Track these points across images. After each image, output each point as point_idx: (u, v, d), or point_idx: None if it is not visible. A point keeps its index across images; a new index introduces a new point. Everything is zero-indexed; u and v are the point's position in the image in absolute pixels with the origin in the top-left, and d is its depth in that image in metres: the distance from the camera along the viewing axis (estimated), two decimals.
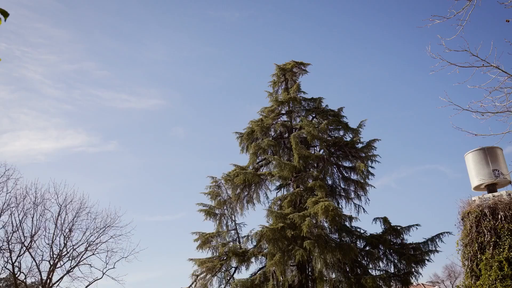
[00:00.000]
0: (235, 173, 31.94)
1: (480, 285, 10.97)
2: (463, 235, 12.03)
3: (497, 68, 8.63)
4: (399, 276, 28.82)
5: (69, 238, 22.55)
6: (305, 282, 29.77)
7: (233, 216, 32.63)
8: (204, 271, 30.38)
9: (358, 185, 31.88)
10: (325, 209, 25.54)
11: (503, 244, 11.05)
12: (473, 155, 13.55)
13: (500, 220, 11.40)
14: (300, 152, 29.70)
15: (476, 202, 12.32)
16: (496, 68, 8.60)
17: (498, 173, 12.75)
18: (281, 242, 27.00)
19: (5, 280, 38.45)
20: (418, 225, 30.75)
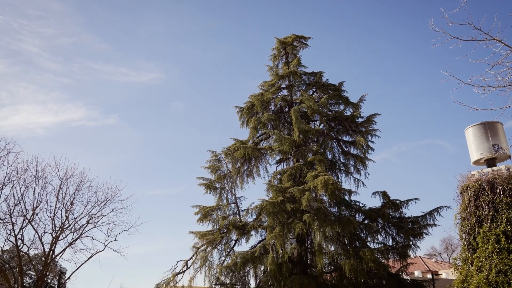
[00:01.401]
0: (235, 147, 32.01)
1: (477, 258, 11.12)
2: (461, 209, 12.13)
3: (500, 42, 8.54)
4: (397, 249, 29.24)
5: (71, 211, 22.75)
6: (304, 255, 30.21)
7: (233, 190, 32.89)
8: (205, 243, 30.79)
9: (357, 159, 32.00)
10: (325, 183, 25.71)
11: (500, 218, 11.17)
12: (473, 130, 13.54)
13: (498, 194, 11.48)
14: (300, 126, 29.69)
15: (475, 177, 12.38)
16: (499, 42, 8.52)
17: (497, 148, 12.78)
18: (280, 216, 27.28)
19: (8, 252, 38.98)
20: (417, 199, 31.05)
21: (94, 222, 22.85)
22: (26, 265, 34.20)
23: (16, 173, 21.74)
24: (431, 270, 44.40)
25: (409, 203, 30.56)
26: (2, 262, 23.53)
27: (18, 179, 21.74)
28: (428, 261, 56.33)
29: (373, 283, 28.79)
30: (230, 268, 28.67)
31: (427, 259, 58.37)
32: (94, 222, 22.85)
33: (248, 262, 28.49)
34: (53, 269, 30.07)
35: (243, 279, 29.58)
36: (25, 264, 29.94)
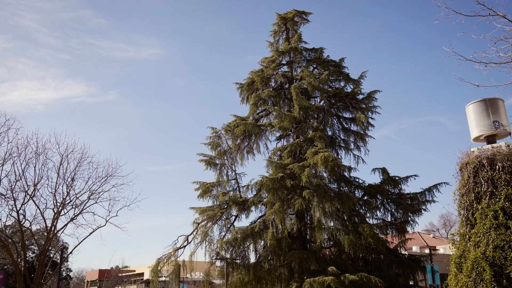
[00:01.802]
0: (235, 123, 32.00)
1: (475, 233, 11.23)
2: (460, 185, 12.19)
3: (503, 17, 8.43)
4: (396, 225, 29.56)
5: (72, 187, 22.91)
6: (304, 230, 30.54)
7: (233, 166, 33.02)
8: (205, 219, 31.10)
9: (358, 136, 32.03)
10: (325, 159, 25.79)
11: (499, 194, 11.24)
12: (474, 107, 13.50)
13: (497, 170, 11.52)
14: (301, 102, 29.61)
15: (475, 153, 12.41)
16: (503, 17, 8.41)
17: (498, 125, 12.76)
18: (280, 192, 27.46)
19: (11, 227, 39.40)
20: (416, 176, 31.23)
21: (95, 198, 23.06)
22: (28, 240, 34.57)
23: (16, 149, 21.83)
24: (429, 245, 44.98)
25: (408, 180, 30.77)
26: (5, 237, 23.78)
27: (18, 155, 21.85)
28: (426, 237, 56.98)
29: (372, 258, 29.22)
30: (230, 243, 29.03)
31: (425, 235, 59.02)
32: (95, 198, 23.06)
33: (248, 237, 28.83)
34: (56, 244, 30.44)
35: (243, 254, 29.98)
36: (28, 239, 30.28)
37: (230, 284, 28.72)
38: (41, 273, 22.17)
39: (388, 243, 29.54)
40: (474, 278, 10.50)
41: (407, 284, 29.36)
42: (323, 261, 26.88)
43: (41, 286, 22.54)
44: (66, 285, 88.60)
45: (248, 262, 29.60)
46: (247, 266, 28.68)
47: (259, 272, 27.81)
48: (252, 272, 27.81)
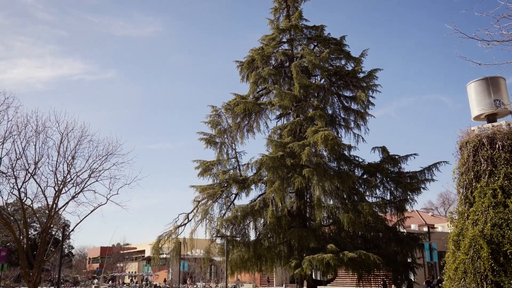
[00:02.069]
0: (235, 102, 31.90)
1: (473, 212, 11.30)
2: (460, 164, 12.20)
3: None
4: (395, 203, 29.77)
5: (72, 165, 22.90)
6: (304, 208, 30.76)
7: (233, 145, 33.06)
8: (205, 197, 31.28)
9: (358, 114, 31.97)
10: (325, 138, 25.81)
11: (498, 173, 11.26)
12: (475, 85, 13.42)
13: (497, 149, 11.52)
14: (301, 81, 29.47)
15: (475, 132, 12.38)
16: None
17: (499, 103, 12.70)
18: (280, 170, 27.56)
19: (12, 205, 39.67)
20: (416, 155, 31.32)
21: (96, 176, 23.07)
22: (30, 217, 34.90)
23: (16, 127, 21.75)
24: (427, 223, 45.38)
25: (408, 158, 30.85)
26: (7, 215, 23.94)
27: (18, 133, 21.79)
28: (424, 215, 57.42)
29: (370, 236, 29.51)
30: (230, 221, 29.27)
31: (424, 213, 59.46)
32: (96, 176, 23.07)
33: (248, 215, 29.06)
34: (57, 222, 30.68)
35: (243, 232, 30.26)
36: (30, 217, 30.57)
37: (230, 261, 29.06)
38: (44, 250, 22.37)
39: (387, 221, 29.81)
40: (472, 256, 10.61)
41: (405, 261, 29.72)
42: (322, 239, 27.14)
43: (43, 263, 22.80)
44: (68, 262, 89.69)
45: (248, 239, 29.89)
46: (247, 243, 28.96)
47: (259, 250, 28.11)
48: (252, 250, 28.11)
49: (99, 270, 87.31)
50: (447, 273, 11.28)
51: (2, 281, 47.36)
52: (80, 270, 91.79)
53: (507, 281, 10.00)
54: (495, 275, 10.16)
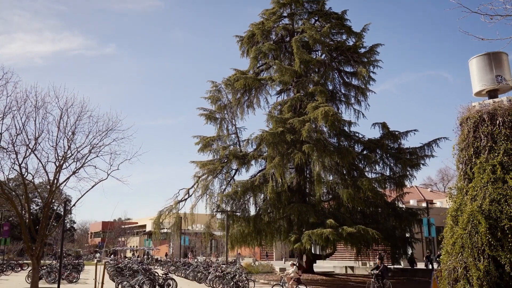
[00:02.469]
0: (235, 77, 31.74)
1: (472, 187, 11.34)
2: (460, 140, 12.18)
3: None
4: (394, 179, 29.92)
5: (73, 140, 22.77)
6: (303, 184, 30.95)
7: (233, 121, 33.05)
8: (206, 172, 31.43)
9: (358, 90, 31.84)
10: (325, 114, 25.76)
11: (498, 149, 11.25)
12: (477, 61, 13.29)
13: (498, 125, 11.48)
14: (301, 56, 29.24)
15: (476, 108, 12.32)
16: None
17: (500, 79, 12.60)
18: (280, 146, 27.61)
19: (13, 180, 39.88)
20: (416, 131, 31.31)
21: (96, 152, 22.96)
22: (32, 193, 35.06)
23: (16, 102, 21.57)
24: (426, 199, 45.65)
25: (408, 134, 30.87)
26: (9, 190, 24.05)
27: (18, 109, 21.61)
28: (423, 191, 57.78)
29: (370, 211, 29.78)
30: (230, 196, 29.49)
31: (423, 189, 59.82)
32: (96, 152, 22.96)
33: (248, 190, 29.26)
34: (59, 197, 30.84)
35: (243, 207, 30.52)
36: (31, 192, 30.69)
37: (230, 236, 29.38)
38: (46, 224, 22.53)
39: (386, 197, 30.03)
40: (470, 231, 10.70)
41: (404, 236, 30.06)
42: (322, 214, 27.38)
43: (46, 237, 22.98)
44: (70, 236, 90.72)
45: (248, 214, 30.17)
46: (247, 218, 29.24)
47: (258, 225, 28.39)
48: (252, 224, 28.39)
49: (101, 244, 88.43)
50: (445, 247, 11.40)
51: (5, 254, 48.02)
52: (82, 244, 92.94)
53: (504, 255, 10.12)
54: (492, 250, 10.27)
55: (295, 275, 19.48)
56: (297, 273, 19.70)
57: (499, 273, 10.23)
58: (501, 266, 10.20)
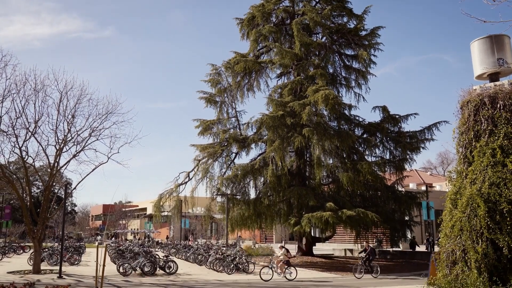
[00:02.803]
0: (236, 60, 31.55)
1: (472, 171, 11.35)
2: (460, 124, 12.15)
3: None
4: (394, 162, 29.99)
5: (73, 124, 22.76)
6: (303, 167, 31.02)
7: (233, 104, 32.96)
8: (206, 156, 31.47)
9: (359, 73, 31.70)
10: (325, 97, 25.69)
11: (498, 132, 11.23)
12: (479, 43, 13.18)
13: (498, 109, 11.44)
14: (302, 39, 29.03)
15: (477, 91, 12.26)
16: None
17: (502, 62, 12.51)
18: (280, 129, 27.60)
19: (14, 163, 39.96)
20: (416, 114, 31.28)
21: (96, 135, 22.96)
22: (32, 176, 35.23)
23: (15, 86, 21.50)
24: (426, 182, 45.79)
25: (408, 118, 30.83)
26: (9, 173, 24.12)
27: (17, 92, 21.56)
28: (423, 174, 57.92)
29: (369, 195, 29.91)
30: (230, 179, 29.58)
31: (422, 172, 59.95)
32: (96, 135, 22.96)
33: (248, 174, 29.34)
34: (59, 180, 30.94)
35: (243, 190, 30.62)
36: (32, 175, 30.83)
37: (230, 219, 29.55)
38: (47, 207, 22.65)
39: (386, 180, 30.13)
40: (469, 214, 10.76)
41: (403, 219, 30.24)
42: (321, 197, 27.50)
43: (47, 220, 23.14)
44: (71, 219, 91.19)
45: (248, 198, 30.30)
46: (247, 201, 29.37)
47: (258, 208, 28.53)
48: (252, 208, 28.53)
49: (102, 227, 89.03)
50: (444, 230, 11.47)
51: (7, 237, 48.36)
52: (83, 227, 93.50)
53: (502, 238, 10.18)
54: (491, 233, 10.34)
55: (284, 258, 19.65)
56: (286, 256, 19.89)
57: (497, 255, 10.31)
58: (499, 249, 10.28)
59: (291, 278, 18.99)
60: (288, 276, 19.09)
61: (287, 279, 18.94)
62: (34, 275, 20.35)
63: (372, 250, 21.39)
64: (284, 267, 19.34)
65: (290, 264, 19.94)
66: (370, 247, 21.23)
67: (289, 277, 19.05)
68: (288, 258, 19.99)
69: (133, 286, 16.93)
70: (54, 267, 23.89)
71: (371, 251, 21.07)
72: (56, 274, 20.23)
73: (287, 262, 19.63)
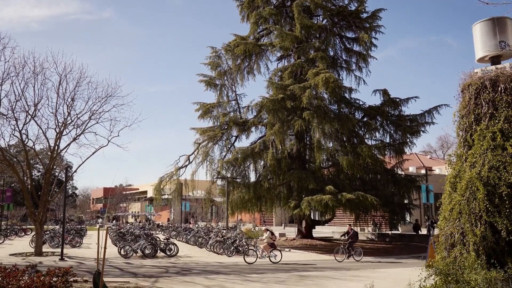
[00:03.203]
0: (236, 43, 31.34)
1: (471, 154, 11.35)
2: (461, 107, 12.09)
3: None
4: (394, 146, 30.02)
5: (72, 107, 22.71)
6: (303, 151, 31.06)
7: (233, 87, 32.86)
8: (206, 139, 31.50)
9: (360, 56, 31.51)
10: (326, 80, 25.59)
11: (499, 116, 11.19)
12: (481, 26, 13.06)
13: (499, 92, 11.37)
14: (302, 21, 28.79)
15: (478, 74, 12.18)
16: None
17: (504, 45, 12.40)
18: (280, 113, 27.56)
19: (14, 146, 40.00)
20: (417, 97, 31.17)
21: (96, 118, 22.93)
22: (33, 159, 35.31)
23: (14, 68, 21.39)
24: (425, 166, 45.86)
25: (409, 101, 30.75)
26: (10, 156, 24.15)
27: (16, 74, 21.46)
28: (423, 158, 57.97)
29: (369, 178, 30.00)
30: (230, 162, 29.65)
31: (422, 156, 59.99)
32: (96, 118, 22.93)
33: (248, 157, 29.40)
34: (60, 163, 31.02)
35: (243, 173, 30.73)
36: (32, 158, 30.90)
37: (230, 202, 29.71)
38: (48, 190, 22.75)
39: (386, 164, 30.19)
40: (468, 197, 10.79)
41: (402, 202, 30.39)
42: (321, 180, 27.58)
43: (48, 203, 23.27)
44: (72, 202, 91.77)
45: (248, 181, 30.41)
46: (247, 185, 29.49)
47: (259, 191, 28.66)
48: (252, 191, 28.66)
49: (103, 210, 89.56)
50: (443, 213, 11.52)
51: (8, 220, 48.69)
52: (84, 210, 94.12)
53: (501, 221, 10.24)
54: (489, 216, 10.38)
55: (269, 241, 19.75)
56: (271, 239, 19.99)
57: (496, 238, 10.38)
58: (497, 232, 10.34)
59: (276, 261, 19.08)
60: (273, 259, 19.18)
61: (271, 262, 19.02)
62: (36, 257, 20.55)
63: (355, 233, 21.31)
64: (268, 249, 19.43)
65: (275, 246, 19.99)
66: (352, 230, 21.15)
67: (273, 260, 19.15)
68: (273, 241, 20.02)
69: (135, 268, 17.11)
70: (55, 249, 24.11)
71: (354, 234, 20.98)
72: (57, 256, 20.44)
73: (272, 245, 19.71)
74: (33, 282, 8.41)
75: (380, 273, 15.76)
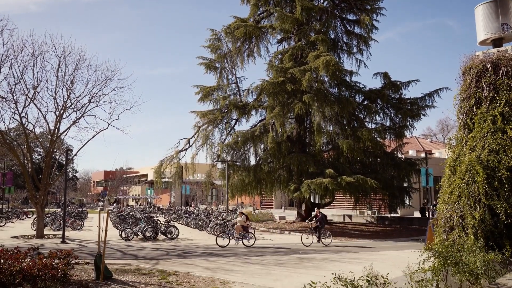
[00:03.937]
0: (236, 25, 31.06)
1: (472, 138, 11.34)
2: (462, 90, 12.03)
3: None
4: (394, 129, 29.98)
5: (72, 90, 22.61)
6: (303, 134, 31.03)
7: (233, 70, 32.67)
8: (206, 122, 31.45)
9: (361, 39, 31.28)
10: (326, 63, 25.43)
11: (500, 99, 11.14)
12: (483, 8, 12.94)
13: (501, 75, 11.31)
14: (303, 3, 28.49)
15: (480, 57, 12.10)
16: None
17: (506, 27, 12.31)
18: (281, 96, 27.46)
19: (14, 130, 39.98)
20: (417, 81, 31.03)
21: (96, 101, 22.84)
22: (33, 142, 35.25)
23: (13, 51, 21.23)
24: (425, 149, 45.87)
25: (409, 85, 30.61)
26: (10, 140, 24.14)
27: (15, 57, 21.30)
28: (423, 141, 57.97)
29: (369, 161, 30.03)
30: (231, 146, 29.66)
31: (422, 139, 59.98)
32: (96, 101, 22.84)
33: (248, 140, 29.40)
34: (60, 146, 31.04)
35: (243, 157, 30.75)
36: (32, 142, 30.86)
37: (231, 185, 29.80)
38: (48, 173, 22.81)
39: (386, 147, 30.19)
40: (467, 180, 10.81)
41: (401, 185, 30.49)
42: (321, 164, 27.62)
43: (49, 186, 23.35)
44: (73, 185, 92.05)
45: (249, 164, 30.46)
46: (247, 168, 29.55)
47: (259, 174, 28.73)
48: (252, 174, 28.73)
49: (104, 193, 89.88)
50: (442, 196, 11.56)
51: (10, 203, 48.92)
52: (85, 193, 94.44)
53: (500, 204, 10.28)
54: (488, 199, 10.42)
55: (243, 223, 19.81)
56: (245, 222, 20.04)
57: (494, 221, 10.44)
58: (496, 215, 10.39)
59: (249, 244, 19.18)
60: (246, 242, 19.26)
61: (244, 245, 19.09)
62: (37, 239, 20.70)
63: (323, 216, 21.16)
64: (239, 232, 19.50)
65: (248, 230, 20.05)
66: (321, 214, 21.04)
67: (247, 243, 19.25)
68: (246, 224, 20.07)
69: (135, 250, 17.24)
70: (57, 232, 24.27)
71: (322, 218, 20.86)
72: (59, 239, 20.58)
73: (245, 228, 19.78)
74: (35, 264, 8.48)
75: (380, 255, 15.89)
